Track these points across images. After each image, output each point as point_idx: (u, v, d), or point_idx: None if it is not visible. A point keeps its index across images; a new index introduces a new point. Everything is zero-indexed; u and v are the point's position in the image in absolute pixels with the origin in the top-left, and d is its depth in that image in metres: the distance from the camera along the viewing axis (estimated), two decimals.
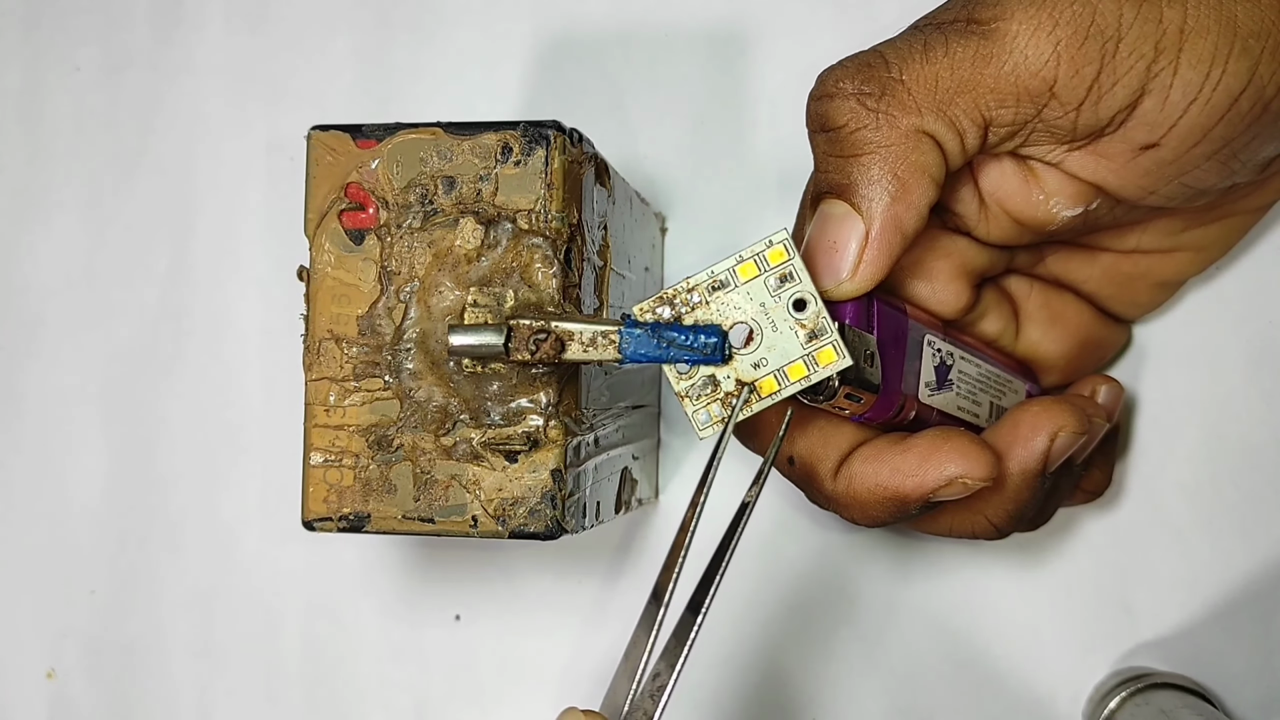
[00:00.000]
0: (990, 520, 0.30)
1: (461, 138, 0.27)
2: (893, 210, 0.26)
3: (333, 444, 0.27)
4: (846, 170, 0.27)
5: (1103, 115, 0.26)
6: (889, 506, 0.28)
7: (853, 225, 0.27)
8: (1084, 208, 0.29)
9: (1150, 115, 0.26)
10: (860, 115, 0.26)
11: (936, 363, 0.31)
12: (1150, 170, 0.27)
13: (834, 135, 0.27)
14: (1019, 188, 0.29)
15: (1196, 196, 0.29)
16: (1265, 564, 0.37)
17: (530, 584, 0.40)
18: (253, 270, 0.41)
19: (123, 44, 0.43)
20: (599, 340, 0.26)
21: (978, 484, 0.28)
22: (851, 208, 0.27)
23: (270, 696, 0.41)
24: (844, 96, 0.26)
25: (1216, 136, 0.26)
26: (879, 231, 0.26)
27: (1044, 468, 0.29)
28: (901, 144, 0.26)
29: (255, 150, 0.42)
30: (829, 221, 0.27)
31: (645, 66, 0.40)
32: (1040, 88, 0.26)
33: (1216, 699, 0.36)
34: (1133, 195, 0.28)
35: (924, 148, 0.26)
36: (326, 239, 0.28)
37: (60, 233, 0.43)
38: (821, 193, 0.27)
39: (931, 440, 0.28)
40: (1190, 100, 0.26)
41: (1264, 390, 0.37)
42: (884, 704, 0.38)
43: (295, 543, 0.40)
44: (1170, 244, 0.33)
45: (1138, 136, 0.27)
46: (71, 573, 0.42)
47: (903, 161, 0.26)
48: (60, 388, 0.42)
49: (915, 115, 0.26)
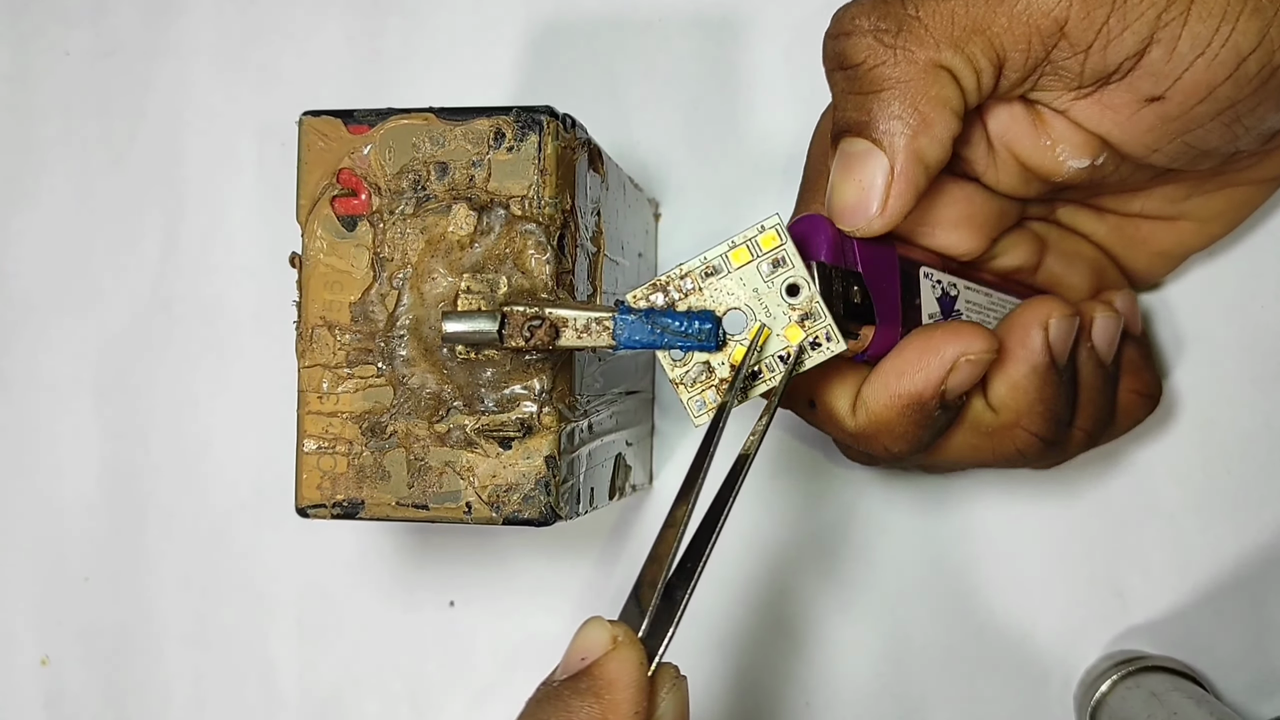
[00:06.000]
0: (1029, 430, 0.30)
1: (454, 123, 0.27)
2: (915, 143, 0.26)
3: (326, 431, 0.27)
4: (866, 107, 0.27)
5: (1110, 61, 0.26)
6: (912, 415, 0.28)
7: (876, 161, 0.27)
8: (1090, 160, 0.29)
9: (1157, 65, 0.26)
10: (878, 51, 0.26)
11: (938, 294, 0.31)
12: (1154, 125, 0.27)
13: (852, 73, 0.27)
14: (1027, 132, 0.29)
15: (1200, 158, 0.29)
16: (1256, 548, 0.37)
17: (524, 570, 0.40)
18: (244, 256, 0.41)
19: (112, 28, 0.42)
20: (593, 327, 0.26)
21: (981, 356, 0.28)
22: (873, 143, 0.27)
23: (264, 682, 0.41)
24: (861, 33, 0.26)
25: (1222, 96, 0.26)
26: (903, 165, 0.26)
27: (1051, 358, 0.29)
28: (920, 78, 0.26)
29: (246, 136, 0.42)
30: (852, 159, 0.27)
31: (639, 51, 0.39)
32: (1051, 27, 0.26)
33: (1207, 682, 0.36)
34: (1136, 151, 0.28)
35: (942, 81, 0.26)
36: (319, 225, 0.28)
37: (50, 218, 0.42)
38: (841, 131, 0.27)
39: (922, 333, 0.28)
40: (1197, 54, 0.26)
41: (1256, 375, 0.37)
42: (876, 688, 0.38)
43: (289, 529, 0.40)
44: (1173, 211, 0.33)
45: (1143, 87, 0.27)
46: (65, 560, 0.42)
47: (922, 95, 0.26)
48: (51, 374, 0.42)
49: (933, 49, 0.26)
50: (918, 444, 0.29)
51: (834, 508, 0.38)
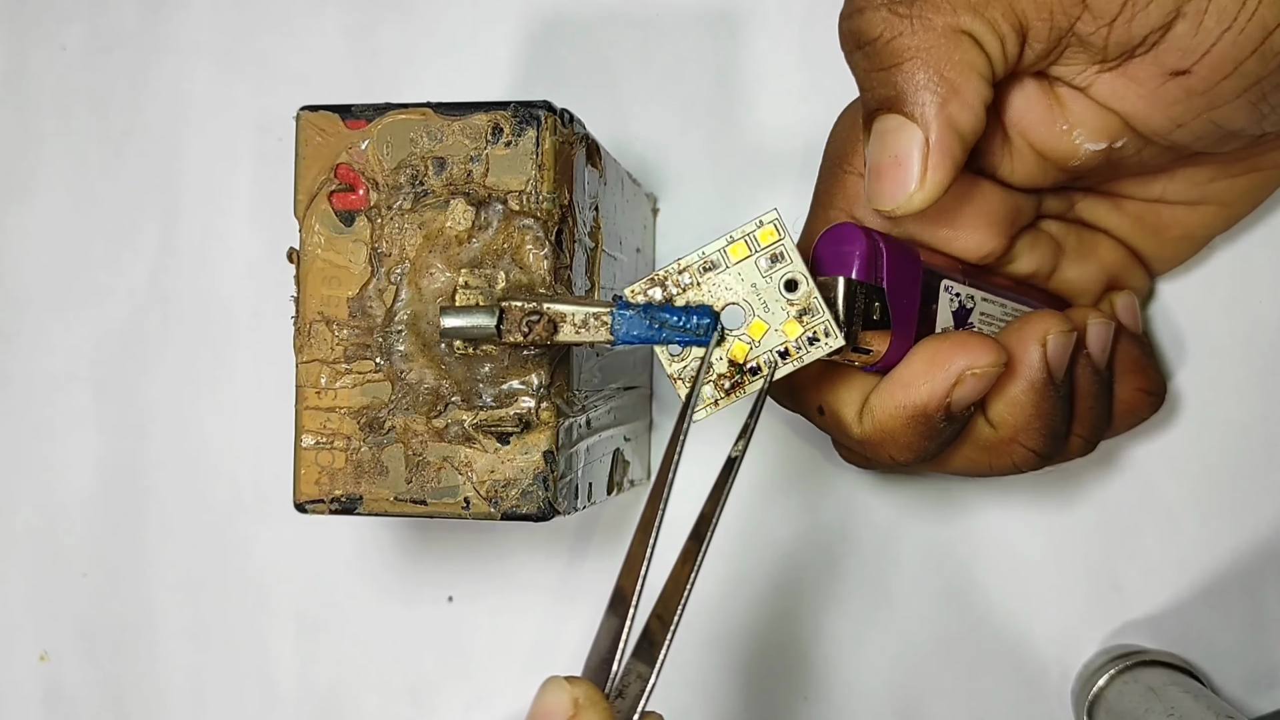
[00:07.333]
0: (1026, 445, 0.30)
1: (452, 118, 0.27)
2: (946, 111, 0.26)
3: (324, 426, 0.27)
4: (891, 81, 0.26)
5: (1135, 33, 0.26)
6: (916, 426, 0.28)
7: (911, 135, 0.26)
8: (1108, 143, 0.28)
9: (1183, 39, 0.26)
10: (894, 23, 0.26)
11: (955, 307, 0.30)
12: (1179, 100, 0.27)
13: (871, 49, 0.26)
14: (1043, 116, 0.28)
15: (1225, 139, 0.28)
16: (1253, 543, 0.37)
17: (523, 565, 0.40)
18: (242, 252, 0.41)
19: (109, 23, 0.42)
20: (591, 322, 0.26)
21: (988, 370, 0.27)
22: (905, 118, 0.26)
23: (263, 678, 0.41)
24: (874, 8, 0.26)
25: (1248, 71, 0.26)
26: (937, 135, 0.26)
27: (1049, 373, 0.29)
28: (941, 44, 0.25)
29: (244, 131, 0.41)
30: (885, 137, 0.26)
31: (637, 46, 0.39)
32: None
33: (1204, 676, 0.36)
34: (1159, 128, 0.28)
35: (965, 45, 0.26)
36: (316, 220, 0.28)
37: (48, 214, 0.42)
38: (872, 111, 0.27)
39: (930, 345, 0.28)
40: (1224, 28, 0.25)
41: (1253, 370, 0.37)
42: (874, 684, 0.38)
43: (287, 525, 0.40)
44: (1197, 195, 0.32)
45: (1169, 60, 0.26)
46: (63, 556, 0.42)
47: (946, 61, 0.25)
48: (49, 370, 0.42)
49: (950, 14, 0.25)
50: (922, 454, 0.29)
51: (833, 504, 0.38)
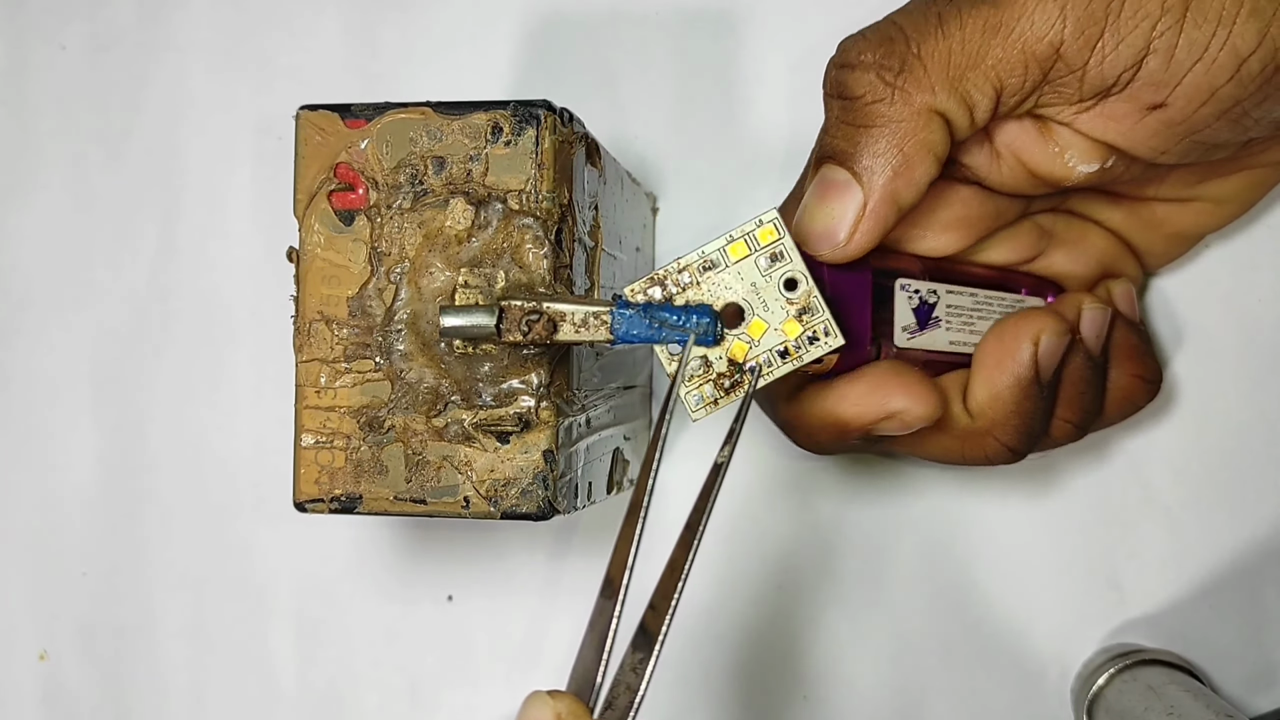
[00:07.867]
0: (1000, 439, 0.30)
1: (451, 117, 0.27)
2: (892, 185, 0.27)
3: (324, 425, 0.27)
4: (855, 139, 0.27)
5: (1108, 75, 0.26)
6: (830, 432, 0.29)
7: (852, 194, 0.27)
8: (1100, 164, 0.29)
9: (1155, 75, 0.26)
10: (878, 89, 0.27)
11: (915, 305, 0.31)
12: (1159, 130, 0.27)
13: (849, 104, 0.27)
14: (1035, 141, 0.29)
15: (1212, 151, 0.29)
16: (1252, 541, 0.37)
17: (522, 564, 0.40)
18: (241, 251, 0.41)
19: (109, 22, 0.42)
20: (591, 321, 0.26)
21: (916, 423, 0.29)
22: (853, 176, 0.27)
23: (263, 677, 0.41)
24: (865, 68, 0.27)
25: (1225, 96, 0.26)
26: (876, 204, 0.27)
27: (1036, 374, 0.30)
28: (912, 121, 0.27)
29: (243, 130, 0.41)
30: (829, 187, 0.27)
31: (636, 45, 0.39)
32: (1047, 52, 0.26)
33: (1204, 675, 0.36)
34: (1145, 154, 0.28)
35: (933, 126, 0.27)
36: (316, 220, 0.28)
37: (47, 213, 0.42)
38: (825, 156, 0.28)
39: (883, 373, 0.29)
40: (1195, 59, 0.26)
41: (1252, 368, 0.37)
42: (873, 682, 0.38)
43: (287, 524, 0.40)
44: (1188, 194, 0.33)
45: (1144, 96, 0.27)
46: (63, 555, 0.42)
47: (911, 139, 0.27)
48: (49, 369, 0.42)
49: (929, 93, 0.26)
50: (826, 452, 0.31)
51: (831, 502, 0.38)
